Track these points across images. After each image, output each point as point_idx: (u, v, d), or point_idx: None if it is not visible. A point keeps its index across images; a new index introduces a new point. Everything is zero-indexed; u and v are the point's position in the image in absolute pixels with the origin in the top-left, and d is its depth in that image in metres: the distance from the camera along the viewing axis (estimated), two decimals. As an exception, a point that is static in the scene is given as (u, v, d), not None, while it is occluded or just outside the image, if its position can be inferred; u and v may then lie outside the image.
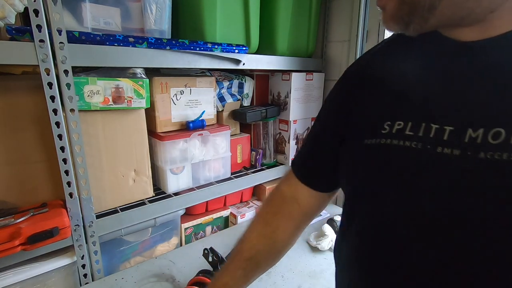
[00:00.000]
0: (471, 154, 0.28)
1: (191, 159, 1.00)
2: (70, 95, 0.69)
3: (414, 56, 0.38)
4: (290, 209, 0.54)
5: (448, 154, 0.29)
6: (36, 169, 0.75)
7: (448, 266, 0.30)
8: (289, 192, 0.55)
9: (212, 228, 1.14)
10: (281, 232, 0.54)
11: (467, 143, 0.29)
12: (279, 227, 0.54)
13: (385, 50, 0.44)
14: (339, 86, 0.49)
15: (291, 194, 0.54)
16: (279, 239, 0.54)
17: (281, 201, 0.55)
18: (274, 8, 1.07)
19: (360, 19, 1.12)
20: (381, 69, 0.41)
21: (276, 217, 0.55)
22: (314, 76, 1.21)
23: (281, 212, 0.54)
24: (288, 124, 1.20)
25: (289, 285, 0.83)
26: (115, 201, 0.87)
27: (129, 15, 0.81)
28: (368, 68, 0.44)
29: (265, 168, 1.21)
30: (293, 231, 0.55)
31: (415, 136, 0.32)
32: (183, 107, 0.98)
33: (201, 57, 0.89)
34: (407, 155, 0.32)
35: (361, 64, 0.46)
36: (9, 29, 0.62)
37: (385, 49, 0.44)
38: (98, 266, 0.83)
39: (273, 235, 0.54)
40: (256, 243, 0.54)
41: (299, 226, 0.56)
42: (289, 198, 0.55)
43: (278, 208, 0.55)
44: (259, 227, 0.55)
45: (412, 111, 0.34)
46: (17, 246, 0.65)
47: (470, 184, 0.28)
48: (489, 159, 0.27)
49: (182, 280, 0.83)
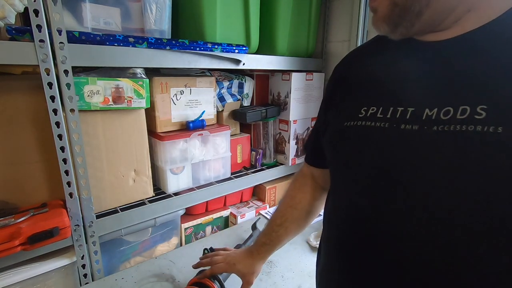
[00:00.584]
0: (427, 128, 0.35)
1: (191, 159, 1.00)
2: (70, 95, 0.69)
3: (387, 55, 0.45)
4: (310, 184, 0.68)
5: (409, 129, 0.37)
6: (36, 169, 0.75)
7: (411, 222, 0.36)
8: (308, 171, 0.68)
9: (212, 228, 1.14)
10: (303, 204, 0.68)
11: (424, 120, 0.36)
12: (301, 200, 0.68)
13: (365, 50, 0.53)
14: (328, 83, 0.58)
15: (309, 172, 0.68)
16: (302, 209, 0.68)
17: (303, 178, 0.69)
18: (274, 8, 1.07)
19: (360, 19, 1.12)
20: (360, 66, 0.50)
21: (299, 191, 0.69)
22: (314, 76, 1.21)
23: (302, 187, 0.69)
24: (288, 124, 1.20)
25: (289, 285, 0.83)
26: (115, 201, 0.87)
27: (129, 15, 0.81)
28: (350, 65, 0.52)
29: (265, 168, 1.21)
30: (313, 202, 0.68)
31: (384, 118, 0.40)
32: (183, 107, 0.98)
33: (201, 57, 0.89)
34: (379, 132, 0.40)
35: (346, 62, 0.55)
36: (9, 29, 0.62)
37: (365, 49, 0.53)
38: (98, 266, 0.83)
39: (298, 206, 0.68)
40: (284, 212, 0.69)
41: (318, 198, 0.68)
42: (308, 175, 0.68)
43: (300, 184, 0.69)
44: (287, 200, 0.70)
45: (383, 98, 0.42)
46: (17, 246, 0.65)
47: (427, 151, 0.35)
48: (440, 130, 0.34)
49: (182, 280, 0.83)
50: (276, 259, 0.93)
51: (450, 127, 0.33)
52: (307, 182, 0.68)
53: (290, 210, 0.68)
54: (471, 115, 0.32)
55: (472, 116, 0.32)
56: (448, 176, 0.33)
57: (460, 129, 0.32)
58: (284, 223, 0.68)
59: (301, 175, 0.70)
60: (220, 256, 0.74)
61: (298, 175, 0.71)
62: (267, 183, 1.25)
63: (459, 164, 0.32)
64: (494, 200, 0.31)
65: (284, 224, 0.68)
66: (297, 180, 0.70)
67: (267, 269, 0.89)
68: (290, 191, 0.71)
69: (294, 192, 0.69)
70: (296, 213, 0.68)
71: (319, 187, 0.67)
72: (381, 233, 0.39)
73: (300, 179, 0.70)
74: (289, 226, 0.68)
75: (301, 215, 0.68)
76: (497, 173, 0.30)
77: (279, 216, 0.69)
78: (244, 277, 0.72)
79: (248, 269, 0.72)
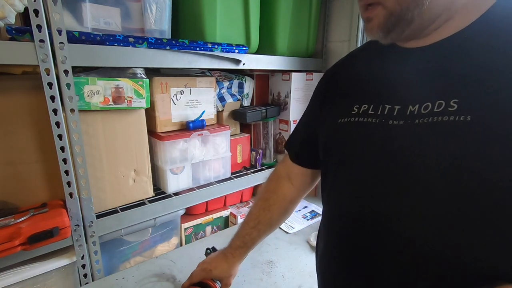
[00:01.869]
0: (410, 122, 0.40)
1: (191, 159, 0.99)
2: (70, 95, 0.69)
3: (376, 59, 0.51)
4: (285, 186, 0.69)
5: (396, 124, 0.42)
6: (36, 169, 0.75)
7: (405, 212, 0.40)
8: (284, 172, 0.69)
9: (212, 228, 1.14)
10: (277, 206, 0.69)
11: (408, 115, 0.41)
12: (275, 202, 0.69)
13: (355, 55, 0.57)
14: (320, 84, 0.61)
15: (286, 173, 0.69)
16: (275, 211, 0.69)
17: (277, 180, 0.70)
18: (274, 8, 1.08)
19: (360, 19, 1.12)
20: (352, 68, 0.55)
21: (273, 193, 0.70)
22: (314, 76, 1.21)
23: (277, 189, 0.69)
24: (288, 124, 1.20)
25: (289, 285, 0.83)
26: (115, 201, 0.87)
27: (129, 15, 0.81)
28: (342, 69, 0.57)
29: (265, 168, 1.21)
30: (287, 205, 0.70)
31: (375, 114, 0.45)
32: (183, 107, 0.98)
33: (201, 57, 0.89)
34: (369, 127, 0.45)
35: (337, 66, 0.59)
36: (9, 29, 0.62)
37: (356, 54, 0.57)
38: (98, 266, 0.83)
39: (271, 208, 0.69)
40: (258, 215, 0.70)
41: (292, 201, 0.70)
42: (284, 177, 0.69)
43: (275, 186, 0.70)
44: (260, 202, 0.71)
45: (373, 97, 0.47)
46: (17, 246, 0.65)
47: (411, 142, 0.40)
48: (421, 123, 0.39)
49: (183, 280, 0.83)
50: (277, 259, 0.93)
51: (429, 119, 0.38)
52: (282, 184, 0.69)
53: (264, 212, 0.69)
54: (446, 107, 0.38)
55: (446, 109, 0.38)
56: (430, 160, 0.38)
57: (437, 120, 0.38)
58: (257, 225, 0.69)
59: (275, 176, 0.71)
60: (197, 267, 0.76)
61: (273, 177, 0.72)
62: (267, 183, 1.25)
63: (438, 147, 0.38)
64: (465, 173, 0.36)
65: (258, 227, 0.69)
66: (271, 182, 0.71)
67: (268, 269, 0.89)
68: (263, 193, 0.71)
69: (267, 194, 0.70)
70: (269, 215, 0.69)
71: (294, 189, 0.68)
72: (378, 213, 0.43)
73: (275, 180, 0.71)
74: (262, 228, 0.70)
75: (274, 217, 0.70)
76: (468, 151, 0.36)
77: (252, 219, 0.70)
78: (222, 281, 0.74)
79: (225, 273, 0.73)
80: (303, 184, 0.68)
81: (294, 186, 0.68)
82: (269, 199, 0.69)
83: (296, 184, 0.68)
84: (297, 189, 0.68)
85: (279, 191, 0.69)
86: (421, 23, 0.42)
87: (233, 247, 0.73)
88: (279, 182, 0.69)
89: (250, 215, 0.71)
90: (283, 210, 0.70)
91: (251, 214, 0.71)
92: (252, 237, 0.70)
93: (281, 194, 0.69)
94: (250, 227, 0.70)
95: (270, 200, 0.69)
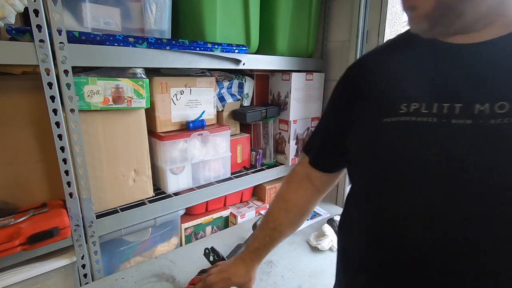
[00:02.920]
0: (483, 121, 0.36)
1: (191, 159, 1.00)
2: (70, 95, 0.69)
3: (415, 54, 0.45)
4: (305, 187, 0.66)
5: (462, 123, 0.37)
6: (36, 169, 0.75)
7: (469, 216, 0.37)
8: (303, 173, 0.66)
9: (212, 228, 1.14)
10: (298, 207, 0.67)
11: (477, 114, 0.37)
12: (296, 203, 0.67)
13: (384, 51, 0.51)
14: (345, 83, 0.56)
15: (305, 174, 0.66)
16: (296, 212, 0.67)
17: (298, 181, 0.67)
18: (274, 8, 1.07)
19: (360, 19, 1.12)
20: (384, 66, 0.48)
21: (293, 194, 0.67)
22: (314, 76, 1.21)
23: (297, 189, 0.67)
24: (288, 124, 1.20)
25: (289, 285, 0.83)
26: (115, 201, 0.87)
27: (129, 15, 0.81)
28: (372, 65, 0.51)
29: (265, 168, 1.21)
30: (307, 205, 0.68)
31: (430, 113, 0.39)
32: (183, 107, 0.98)
33: (201, 57, 0.89)
34: (427, 127, 0.39)
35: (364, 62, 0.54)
36: (9, 29, 0.62)
37: (384, 49, 0.52)
38: (98, 266, 0.83)
39: (292, 209, 0.67)
40: (278, 216, 0.68)
41: (313, 201, 0.68)
42: (304, 178, 0.66)
43: (296, 186, 0.67)
44: (280, 203, 0.68)
45: (424, 95, 0.41)
46: (17, 246, 0.65)
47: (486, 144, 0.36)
48: (499, 123, 0.35)
49: (183, 280, 0.83)
50: (276, 259, 0.93)
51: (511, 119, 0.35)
52: (303, 184, 0.67)
53: (285, 213, 0.67)
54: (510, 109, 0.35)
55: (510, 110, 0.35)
56: None
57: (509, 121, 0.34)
58: (278, 227, 0.67)
59: (295, 176, 0.69)
60: (213, 275, 0.72)
61: (292, 177, 0.69)
62: (267, 183, 1.25)
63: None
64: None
65: (278, 228, 0.67)
66: (291, 182, 0.69)
67: (267, 269, 0.89)
68: (283, 194, 0.69)
69: (288, 194, 0.68)
70: (290, 216, 0.67)
71: (315, 189, 0.66)
72: None
73: (295, 181, 0.68)
74: (283, 229, 0.68)
75: (295, 217, 0.68)
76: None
77: (272, 220, 0.68)
78: (243, 287, 0.71)
79: (244, 279, 0.71)
80: (325, 185, 0.67)
81: (315, 187, 0.66)
82: (289, 200, 0.67)
83: (317, 185, 0.66)
84: (318, 189, 0.67)
85: (300, 191, 0.67)
86: (473, 16, 0.38)
87: (251, 249, 0.70)
88: (300, 183, 0.67)
89: (270, 217, 0.69)
90: (304, 211, 0.68)
91: (270, 216, 0.69)
92: (272, 238, 0.68)
93: (303, 194, 0.67)
94: (270, 228, 0.68)
95: (291, 201, 0.67)
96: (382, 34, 1.08)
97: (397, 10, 1.09)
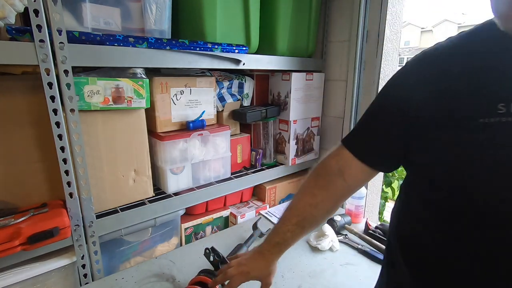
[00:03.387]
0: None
1: (191, 159, 1.00)
2: (70, 95, 0.69)
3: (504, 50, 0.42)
4: (336, 183, 0.62)
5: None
6: (36, 169, 0.75)
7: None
8: (336, 167, 0.61)
9: (212, 228, 1.14)
10: (325, 203, 0.63)
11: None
12: (324, 199, 0.63)
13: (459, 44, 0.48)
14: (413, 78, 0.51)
15: (339, 169, 0.61)
16: (323, 208, 0.63)
17: (328, 175, 0.63)
18: (274, 8, 1.08)
19: (360, 19, 1.12)
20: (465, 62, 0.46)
21: (322, 189, 0.63)
22: (314, 76, 1.21)
23: (328, 186, 0.62)
24: (288, 124, 1.20)
25: (289, 285, 0.83)
26: (115, 201, 0.87)
27: (129, 15, 0.81)
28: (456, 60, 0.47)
29: (265, 168, 1.21)
30: (334, 204, 0.64)
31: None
32: (183, 107, 0.98)
33: (201, 57, 0.89)
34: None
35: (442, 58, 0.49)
36: (9, 29, 0.62)
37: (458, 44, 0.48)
38: (98, 266, 0.83)
39: (318, 205, 0.63)
40: (303, 211, 0.64)
41: (341, 198, 0.64)
42: (335, 172, 0.61)
43: (325, 182, 0.63)
44: (306, 198, 0.64)
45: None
46: (17, 246, 0.65)
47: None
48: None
49: (183, 280, 0.83)
50: (276, 259, 0.93)
51: None
52: (334, 180, 0.62)
53: (310, 209, 0.63)
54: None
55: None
56: None
57: None
58: (301, 222, 0.64)
59: (325, 171, 0.64)
60: (232, 268, 0.70)
61: (322, 172, 0.64)
62: (267, 183, 1.25)
63: None
64: None
65: (301, 224, 0.64)
66: (319, 176, 0.64)
67: (267, 269, 0.89)
68: (310, 188, 0.65)
69: (316, 190, 0.63)
70: (316, 213, 0.63)
71: (347, 186, 0.62)
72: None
73: (325, 176, 0.63)
74: (307, 225, 0.64)
75: (321, 214, 0.64)
76: None
77: (295, 215, 0.65)
78: (262, 281, 0.70)
79: (264, 272, 0.69)
80: (358, 182, 0.62)
81: (347, 183, 0.61)
82: (317, 195, 0.63)
83: (350, 181, 0.61)
84: (349, 186, 0.62)
85: (331, 187, 0.62)
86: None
87: (271, 243, 0.68)
88: (330, 178, 0.62)
89: (293, 211, 0.65)
90: (331, 208, 0.64)
91: (294, 210, 0.65)
92: (294, 234, 0.65)
93: (332, 191, 0.62)
94: (292, 223, 0.64)
95: (318, 196, 0.63)
96: (382, 34, 1.08)
97: (397, 10, 1.09)
